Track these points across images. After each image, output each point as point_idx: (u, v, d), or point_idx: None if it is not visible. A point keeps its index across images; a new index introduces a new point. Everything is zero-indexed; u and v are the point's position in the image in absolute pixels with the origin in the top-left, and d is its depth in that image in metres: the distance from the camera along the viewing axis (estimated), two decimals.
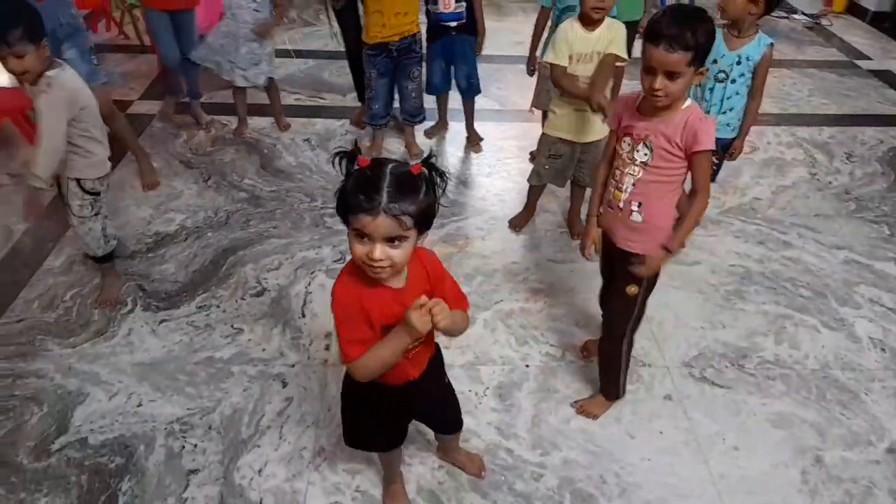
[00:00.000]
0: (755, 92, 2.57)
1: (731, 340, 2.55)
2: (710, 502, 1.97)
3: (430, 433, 2.09)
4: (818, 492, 2.01)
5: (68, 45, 2.90)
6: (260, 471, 2.04)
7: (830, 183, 3.60)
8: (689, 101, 1.80)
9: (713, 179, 2.88)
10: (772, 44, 2.51)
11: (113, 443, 2.11)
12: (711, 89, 2.60)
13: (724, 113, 2.62)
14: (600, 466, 2.07)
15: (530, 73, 3.38)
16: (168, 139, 3.84)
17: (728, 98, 2.58)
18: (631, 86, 2.30)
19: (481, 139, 3.84)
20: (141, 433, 2.14)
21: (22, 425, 2.16)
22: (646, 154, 1.81)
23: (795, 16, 6.29)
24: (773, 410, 2.26)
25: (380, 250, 1.28)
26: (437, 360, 1.73)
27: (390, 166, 1.31)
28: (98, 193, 2.45)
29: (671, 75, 1.66)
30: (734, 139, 2.69)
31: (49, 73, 2.19)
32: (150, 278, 2.78)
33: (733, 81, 2.55)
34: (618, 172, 1.91)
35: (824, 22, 6.14)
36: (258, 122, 4.00)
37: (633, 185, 1.87)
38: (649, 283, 2.01)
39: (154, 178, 3.38)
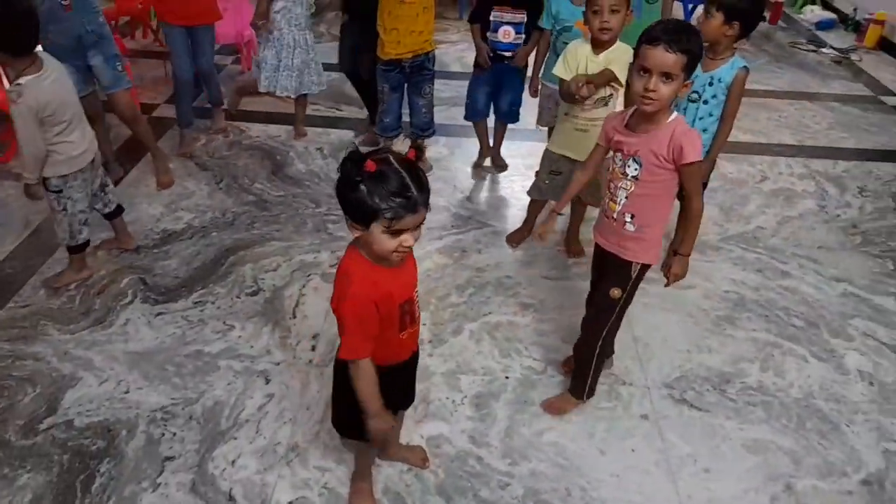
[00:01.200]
0: (726, 116, 2.59)
1: (715, 365, 2.53)
2: None
3: (404, 431, 2.14)
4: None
5: (94, 52, 3.05)
6: (233, 462, 2.09)
7: (839, 216, 3.56)
8: (674, 115, 1.85)
9: None
10: (745, 67, 2.52)
11: (97, 426, 2.19)
12: (685, 109, 2.63)
13: None
14: (567, 480, 2.07)
15: (533, 94, 3.44)
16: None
17: (700, 119, 2.61)
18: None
19: (506, 165, 3.89)
20: (125, 419, 2.22)
21: (15, 404, 2.25)
22: (636, 169, 1.88)
23: (824, 49, 6.25)
24: (750, 436, 2.24)
25: (412, 238, 1.41)
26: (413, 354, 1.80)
27: (398, 162, 1.38)
28: (60, 191, 2.55)
29: (666, 77, 1.72)
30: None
31: (21, 80, 2.29)
32: (152, 272, 2.89)
33: (706, 102, 2.58)
34: (612, 186, 1.98)
35: (854, 57, 6.08)
36: (273, 130, 4.13)
37: (626, 197, 1.94)
38: (630, 292, 2.08)
39: (169, 178, 3.51)
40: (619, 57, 2.60)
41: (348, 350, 1.52)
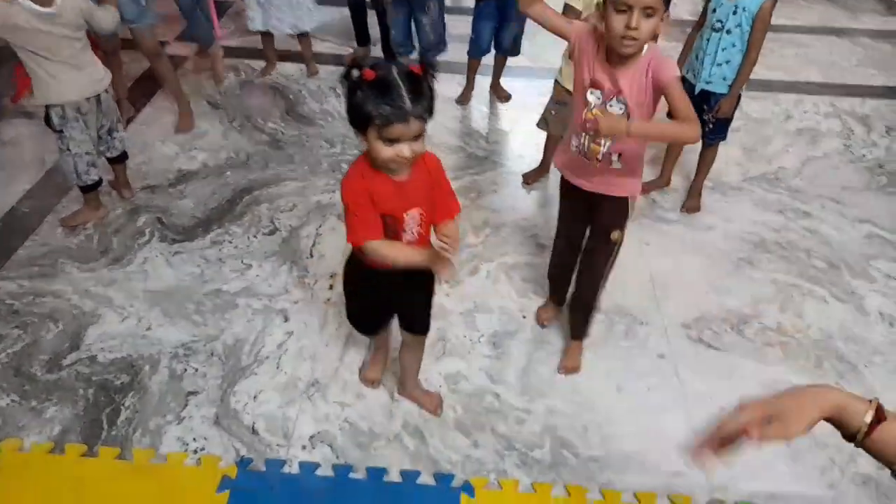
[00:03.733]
0: (751, 47, 2.49)
1: (734, 306, 2.52)
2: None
3: (422, 371, 2.16)
4: (800, 456, 2.00)
5: None
6: (255, 397, 2.13)
7: (864, 156, 3.47)
8: (646, 46, 1.70)
9: (723, 137, 2.81)
10: None
11: (120, 362, 2.23)
12: (708, 39, 2.54)
13: (720, 65, 2.57)
14: (584, 416, 2.10)
15: None
16: (198, 80, 3.91)
17: (723, 49, 2.52)
18: None
19: (509, 95, 3.81)
20: (147, 355, 2.25)
21: (38, 340, 2.29)
22: (620, 109, 1.74)
23: None
24: (767, 376, 2.24)
25: (408, 149, 1.41)
26: (428, 275, 1.75)
27: (397, 71, 1.38)
28: (61, 131, 2.52)
29: (647, 12, 1.57)
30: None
31: None
32: (168, 212, 2.88)
33: (728, 32, 2.48)
34: (589, 125, 1.80)
35: None
36: (287, 69, 4.04)
37: (613, 140, 1.80)
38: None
39: (189, 124, 3.45)
40: None
41: (352, 235, 1.55)
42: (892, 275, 2.69)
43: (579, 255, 2.16)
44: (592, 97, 1.78)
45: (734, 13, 2.45)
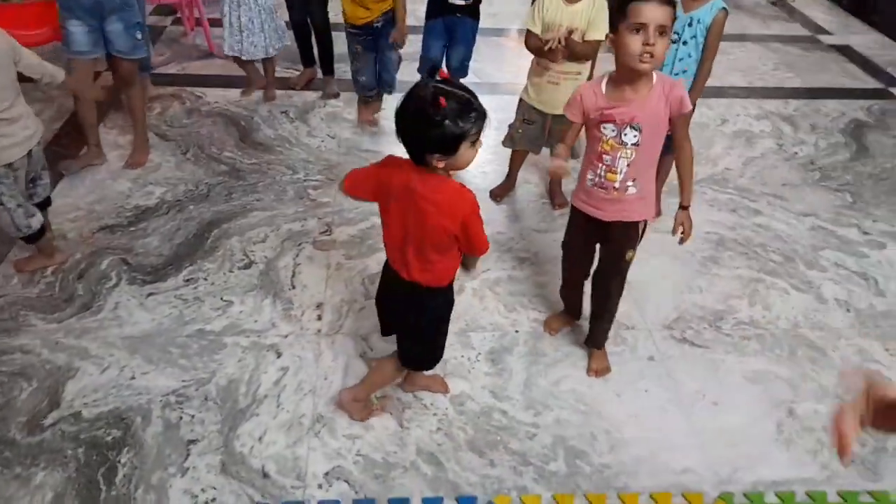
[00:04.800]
0: (706, 58, 2.63)
1: (707, 303, 2.66)
2: (694, 455, 2.08)
3: (426, 395, 2.18)
4: (793, 441, 2.14)
5: (115, 17, 2.89)
6: (260, 438, 2.07)
7: (796, 154, 3.74)
8: (654, 73, 1.85)
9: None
10: (724, 9, 2.57)
11: (108, 416, 2.10)
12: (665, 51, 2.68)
13: (677, 75, 2.70)
14: (590, 424, 2.16)
15: None
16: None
17: (680, 60, 2.64)
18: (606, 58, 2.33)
19: None
20: (136, 405, 2.14)
21: (11, 401, 2.13)
22: (635, 136, 1.86)
23: None
24: (749, 368, 2.38)
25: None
26: (423, 294, 1.80)
27: (450, 87, 1.52)
28: None
29: (660, 30, 1.70)
30: None
31: None
32: (133, 252, 2.75)
33: (685, 43, 2.62)
34: (607, 157, 1.93)
35: None
36: (232, 94, 3.94)
37: (628, 165, 1.92)
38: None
39: (144, 158, 3.29)
40: (596, 18, 2.59)
41: (485, 244, 1.76)
42: (840, 263, 2.91)
43: (589, 271, 2.28)
44: (607, 130, 1.88)
45: (689, 25, 2.59)
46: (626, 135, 1.87)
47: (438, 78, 1.53)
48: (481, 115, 1.52)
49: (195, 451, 2.02)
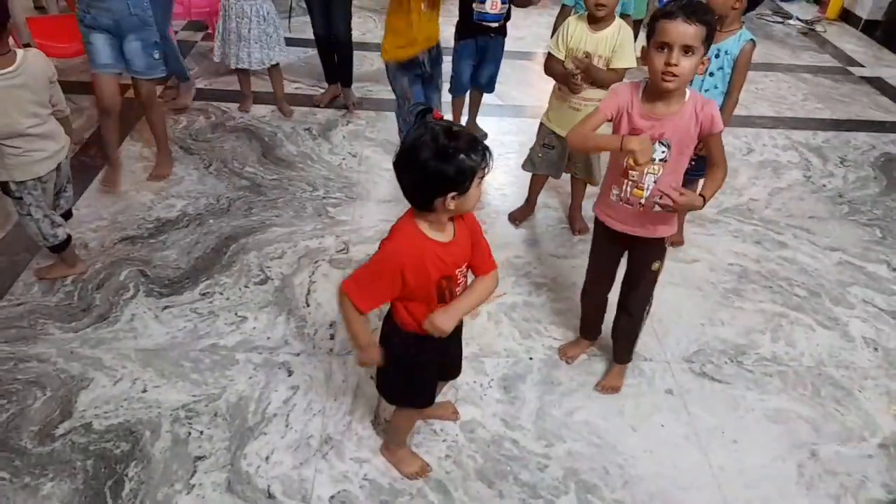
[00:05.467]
0: (732, 88, 2.60)
1: (729, 337, 2.59)
2: (711, 494, 2.02)
3: (436, 420, 2.14)
4: (814, 485, 2.06)
5: (133, 36, 2.93)
6: (267, 458, 2.05)
7: (824, 186, 3.67)
8: (688, 90, 1.83)
9: (703, 174, 2.94)
10: (752, 40, 2.54)
11: (118, 428, 2.10)
12: (692, 81, 2.65)
13: None
14: (603, 458, 2.10)
15: None
16: (167, 124, 3.80)
17: (706, 91, 2.62)
18: None
19: (486, 133, 3.86)
20: (146, 419, 2.14)
21: (25, 409, 2.14)
22: (663, 152, 1.85)
23: (790, 21, 6.38)
24: (771, 406, 2.31)
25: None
26: (389, 321, 1.80)
27: (448, 124, 1.46)
28: (20, 198, 2.40)
29: (686, 50, 1.68)
30: None
31: None
32: (151, 264, 2.77)
33: (711, 74, 2.59)
34: (633, 173, 1.91)
35: (819, 28, 6.23)
36: (259, 110, 3.98)
37: (655, 182, 1.90)
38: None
39: (168, 170, 3.34)
40: (622, 43, 2.58)
41: (352, 284, 1.57)
42: (868, 300, 2.83)
43: (610, 286, 2.28)
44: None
45: (716, 56, 2.56)
46: (654, 151, 1.84)
47: (432, 118, 1.48)
48: (486, 148, 1.47)
49: (202, 467, 2.01)
